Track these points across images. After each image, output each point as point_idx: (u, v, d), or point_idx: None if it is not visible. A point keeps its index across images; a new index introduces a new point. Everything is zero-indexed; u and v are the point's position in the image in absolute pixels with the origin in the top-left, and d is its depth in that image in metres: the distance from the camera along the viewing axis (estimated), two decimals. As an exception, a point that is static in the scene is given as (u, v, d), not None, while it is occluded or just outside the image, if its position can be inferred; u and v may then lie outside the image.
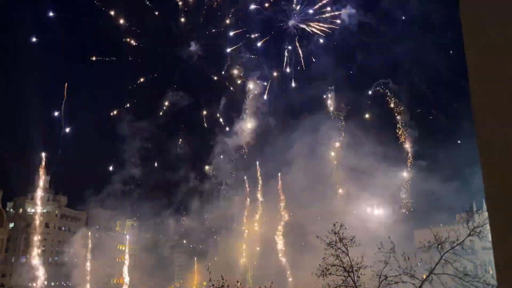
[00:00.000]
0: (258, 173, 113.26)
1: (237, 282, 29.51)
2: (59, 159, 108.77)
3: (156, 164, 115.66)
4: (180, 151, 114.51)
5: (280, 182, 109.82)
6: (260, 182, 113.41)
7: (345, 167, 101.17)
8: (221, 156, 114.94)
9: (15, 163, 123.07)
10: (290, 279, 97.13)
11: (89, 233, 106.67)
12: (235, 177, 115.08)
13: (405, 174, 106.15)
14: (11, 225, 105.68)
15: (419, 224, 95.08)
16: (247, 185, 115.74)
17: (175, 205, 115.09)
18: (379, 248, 27.70)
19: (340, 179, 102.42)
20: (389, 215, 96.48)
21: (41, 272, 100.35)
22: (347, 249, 27.28)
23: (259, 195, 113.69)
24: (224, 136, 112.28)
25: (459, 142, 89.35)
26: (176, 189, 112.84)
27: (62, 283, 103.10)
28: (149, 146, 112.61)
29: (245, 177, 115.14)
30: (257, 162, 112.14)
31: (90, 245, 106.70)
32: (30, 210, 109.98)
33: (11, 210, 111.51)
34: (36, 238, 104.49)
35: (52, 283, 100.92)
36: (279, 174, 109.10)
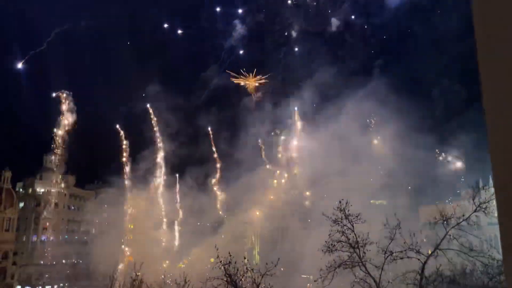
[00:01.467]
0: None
1: (244, 258, 29.93)
2: (68, 139, 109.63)
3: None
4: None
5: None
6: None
7: None
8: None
9: (23, 144, 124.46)
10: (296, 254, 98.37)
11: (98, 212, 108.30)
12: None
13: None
14: (21, 205, 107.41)
15: (424, 201, 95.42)
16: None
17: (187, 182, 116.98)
18: (385, 225, 27.91)
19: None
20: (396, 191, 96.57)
21: (52, 250, 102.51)
22: (353, 226, 27.49)
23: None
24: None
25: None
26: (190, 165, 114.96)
27: (74, 261, 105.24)
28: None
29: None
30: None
31: (99, 224, 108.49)
32: (39, 190, 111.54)
33: (21, 190, 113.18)
34: (46, 217, 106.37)
35: (64, 261, 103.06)
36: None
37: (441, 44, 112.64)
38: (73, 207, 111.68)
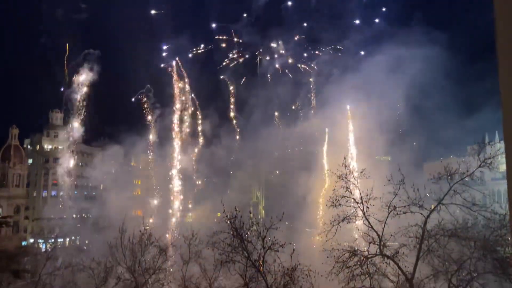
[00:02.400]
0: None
1: (250, 213, 30.52)
2: (74, 95, 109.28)
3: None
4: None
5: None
6: None
7: None
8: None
9: (30, 101, 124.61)
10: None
11: (106, 169, 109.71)
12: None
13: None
14: (30, 161, 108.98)
15: (429, 157, 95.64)
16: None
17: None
18: (389, 180, 28.16)
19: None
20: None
21: (62, 205, 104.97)
22: (357, 181, 27.76)
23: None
24: None
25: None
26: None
27: (84, 215, 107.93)
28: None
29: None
30: None
31: (107, 180, 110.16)
32: (46, 147, 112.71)
33: (29, 147, 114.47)
34: (55, 173, 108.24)
35: (74, 215, 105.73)
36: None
37: None
38: (81, 163, 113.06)
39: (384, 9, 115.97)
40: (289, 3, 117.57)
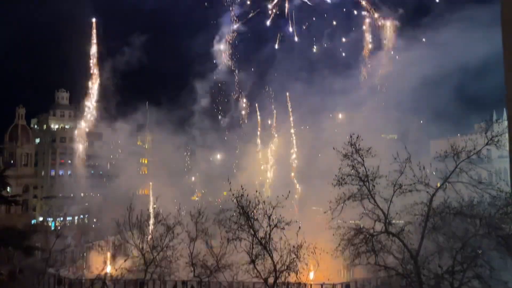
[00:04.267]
0: None
1: (256, 191, 30.73)
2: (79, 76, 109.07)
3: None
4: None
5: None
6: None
7: None
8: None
9: (35, 80, 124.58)
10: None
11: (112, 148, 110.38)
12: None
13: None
14: (37, 141, 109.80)
15: (436, 135, 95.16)
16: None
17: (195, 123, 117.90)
18: (395, 158, 28.10)
19: None
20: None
21: (70, 184, 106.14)
22: (363, 160, 27.73)
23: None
24: None
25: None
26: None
27: (91, 193, 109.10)
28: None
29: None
30: None
31: (113, 159, 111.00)
32: (53, 126, 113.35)
33: (36, 126, 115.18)
34: (62, 152, 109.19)
35: (82, 194, 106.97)
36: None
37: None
38: (87, 143, 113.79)
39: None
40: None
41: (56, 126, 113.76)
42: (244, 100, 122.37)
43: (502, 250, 25.40)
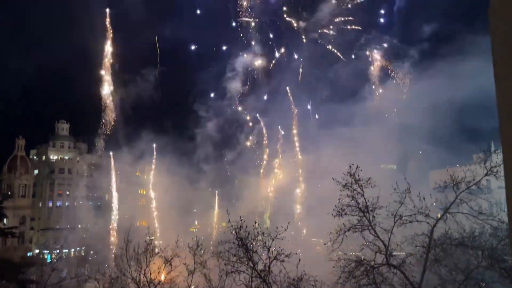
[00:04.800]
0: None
1: (255, 223, 30.42)
2: (80, 107, 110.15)
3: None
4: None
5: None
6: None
7: None
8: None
9: (36, 112, 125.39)
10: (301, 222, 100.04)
11: (113, 178, 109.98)
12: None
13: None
14: (36, 172, 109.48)
15: (435, 165, 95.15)
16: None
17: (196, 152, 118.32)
18: (395, 189, 27.99)
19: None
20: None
21: (67, 216, 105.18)
22: (363, 190, 27.61)
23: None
24: None
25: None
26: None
27: (88, 225, 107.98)
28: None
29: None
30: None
31: (112, 190, 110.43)
32: (52, 157, 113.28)
33: (35, 157, 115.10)
34: (60, 184, 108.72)
35: (79, 226, 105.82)
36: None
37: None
38: (86, 174, 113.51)
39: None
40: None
41: (55, 157, 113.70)
42: (250, 136, 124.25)
43: (506, 282, 24.97)
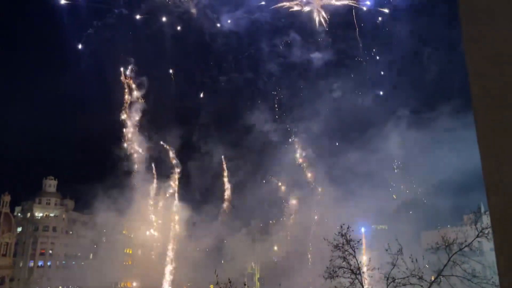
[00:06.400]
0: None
1: (244, 284, 29.52)
2: (66, 164, 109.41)
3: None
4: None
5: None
6: None
7: None
8: None
9: (21, 168, 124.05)
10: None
11: (97, 237, 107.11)
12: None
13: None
14: (19, 229, 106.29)
15: (426, 225, 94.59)
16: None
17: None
18: (386, 250, 27.59)
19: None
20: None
21: (49, 276, 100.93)
22: (354, 251, 27.18)
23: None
24: None
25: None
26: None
27: (70, 286, 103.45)
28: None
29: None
30: None
31: (97, 249, 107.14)
32: (37, 214, 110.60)
33: (19, 214, 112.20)
34: (44, 242, 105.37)
35: (60, 287, 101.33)
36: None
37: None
38: (71, 232, 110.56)
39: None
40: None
41: (41, 214, 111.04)
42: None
43: None
